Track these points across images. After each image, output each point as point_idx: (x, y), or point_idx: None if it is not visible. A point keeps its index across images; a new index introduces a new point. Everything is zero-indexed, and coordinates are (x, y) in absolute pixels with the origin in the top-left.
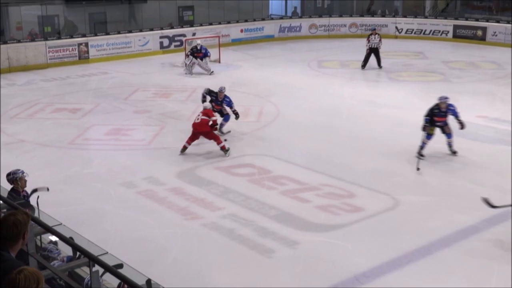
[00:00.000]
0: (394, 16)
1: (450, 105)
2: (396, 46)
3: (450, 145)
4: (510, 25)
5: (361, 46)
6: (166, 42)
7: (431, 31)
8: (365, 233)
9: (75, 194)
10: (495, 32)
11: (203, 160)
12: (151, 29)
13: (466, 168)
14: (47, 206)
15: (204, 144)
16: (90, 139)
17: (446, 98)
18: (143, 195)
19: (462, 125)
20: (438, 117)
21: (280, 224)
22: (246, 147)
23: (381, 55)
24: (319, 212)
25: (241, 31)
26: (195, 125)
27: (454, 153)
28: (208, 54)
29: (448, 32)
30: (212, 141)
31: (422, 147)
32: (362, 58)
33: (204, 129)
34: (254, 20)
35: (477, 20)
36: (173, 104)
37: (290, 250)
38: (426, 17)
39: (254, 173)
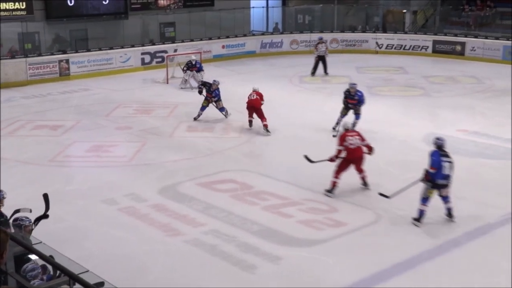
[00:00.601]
0: (374, 32)
1: (359, 91)
2: (376, 61)
3: (354, 124)
4: (488, 40)
5: (343, 61)
6: (147, 58)
7: (411, 46)
8: (348, 247)
9: (56, 212)
10: (473, 47)
11: (185, 176)
12: (133, 46)
13: None
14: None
15: (187, 160)
16: (71, 156)
17: (355, 84)
18: (124, 212)
19: (358, 113)
20: (349, 99)
21: (263, 239)
22: (228, 163)
23: (362, 70)
24: (302, 227)
25: (223, 47)
26: (251, 101)
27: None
28: (203, 69)
29: (427, 47)
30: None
31: (337, 123)
32: (344, 73)
33: (257, 105)
34: (236, 36)
35: (455, 35)
36: (154, 120)
37: (273, 265)
38: (406, 33)
39: (236, 189)
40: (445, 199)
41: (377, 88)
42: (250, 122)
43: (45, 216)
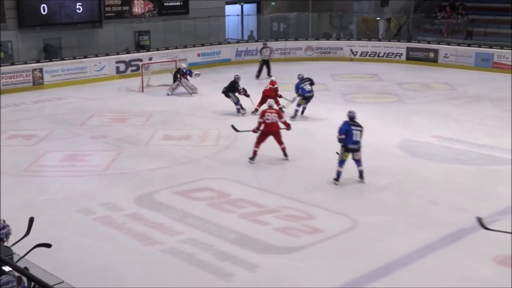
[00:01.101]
0: (348, 39)
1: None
2: (351, 68)
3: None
4: (460, 47)
5: (318, 69)
6: (122, 67)
7: (385, 53)
8: (325, 254)
9: None
10: (446, 54)
11: (161, 185)
12: (107, 54)
13: (422, 187)
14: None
15: (163, 169)
16: (45, 165)
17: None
18: (100, 221)
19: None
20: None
21: (240, 247)
22: (204, 171)
23: (337, 77)
24: (279, 234)
25: (198, 55)
26: (266, 91)
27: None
28: (192, 74)
29: (401, 54)
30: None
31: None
32: (320, 80)
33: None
34: (211, 44)
35: (429, 42)
36: (130, 129)
37: (250, 273)
38: (379, 40)
39: (213, 197)
40: (357, 162)
41: (352, 95)
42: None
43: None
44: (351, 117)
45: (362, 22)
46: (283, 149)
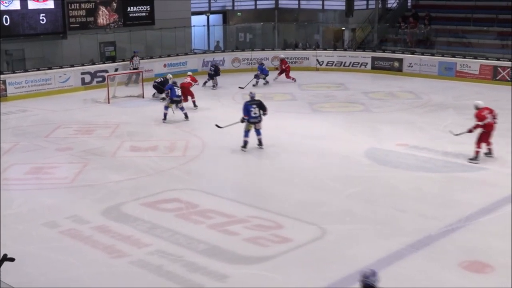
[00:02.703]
0: (315, 49)
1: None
2: (317, 78)
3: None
4: (424, 56)
5: (285, 79)
6: (88, 78)
7: (350, 63)
8: (294, 263)
9: None
10: (410, 63)
11: (129, 197)
12: (72, 65)
13: (389, 195)
14: None
15: (130, 180)
16: (9, 179)
17: (251, 93)
18: (66, 234)
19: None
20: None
21: (209, 258)
22: (172, 182)
23: (304, 86)
24: (248, 244)
25: (164, 65)
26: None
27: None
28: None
29: (367, 64)
30: None
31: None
32: (286, 90)
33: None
34: (177, 54)
35: (393, 52)
36: (96, 140)
37: (220, 284)
38: (345, 50)
39: (181, 208)
40: (258, 132)
41: (319, 104)
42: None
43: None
44: (251, 97)
45: (328, 32)
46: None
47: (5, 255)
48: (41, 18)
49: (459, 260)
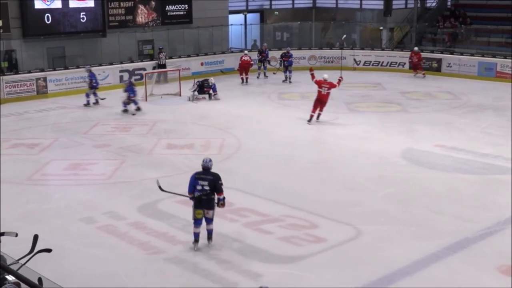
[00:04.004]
0: (352, 49)
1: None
2: (354, 77)
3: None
4: (463, 56)
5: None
6: (126, 76)
7: (388, 62)
8: (328, 263)
9: (33, 231)
10: (449, 64)
11: (164, 194)
12: (111, 63)
13: (425, 197)
14: (3, 245)
15: (166, 177)
16: (48, 174)
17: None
18: (103, 230)
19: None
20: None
21: (244, 256)
22: None
23: (340, 86)
24: (282, 243)
25: (201, 64)
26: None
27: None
28: (216, 91)
29: (404, 63)
30: None
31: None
32: None
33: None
34: (214, 53)
35: (432, 52)
36: (133, 137)
37: (254, 283)
38: (383, 49)
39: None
40: (207, 220)
41: (355, 104)
42: (312, 117)
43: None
44: (203, 167)
45: (366, 31)
46: None
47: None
48: (81, 16)
49: (496, 264)
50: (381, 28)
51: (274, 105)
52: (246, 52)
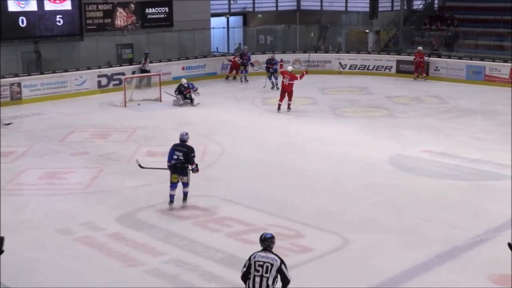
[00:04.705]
0: (337, 52)
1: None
2: (340, 82)
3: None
4: (451, 59)
5: (306, 82)
6: (104, 81)
7: (374, 66)
8: (315, 274)
9: (7, 244)
10: (437, 67)
11: (144, 203)
12: (89, 68)
13: (413, 204)
14: None
15: (146, 186)
16: (23, 183)
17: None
18: (80, 241)
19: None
20: (270, 65)
21: (227, 268)
22: (189, 188)
23: (326, 90)
24: None
25: (183, 68)
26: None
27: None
28: (195, 87)
29: (391, 67)
30: None
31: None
32: (308, 94)
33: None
34: (196, 57)
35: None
36: (112, 145)
37: None
38: (369, 53)
39: (198, 215)
40: (184, 184)
41: (341, 109)
42: (279, 106)
43: None
44: (181, 139)
45: (351, 34)
46: None
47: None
48: (57, 19)
49: (487, 273)
50: (367, 31)
51: (258, 111)
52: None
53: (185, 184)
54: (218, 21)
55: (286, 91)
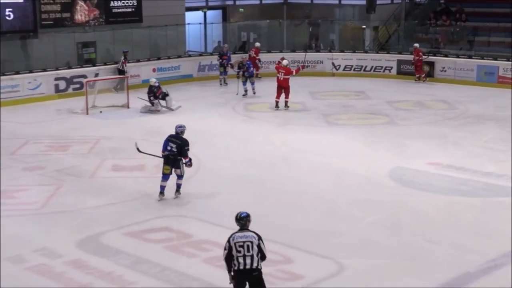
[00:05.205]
0: (330, 51)
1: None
2: (333, 85)
3: (253, 89)
4: (460, 59)
5: (294, 86)
6: (62, 84)
7: (372, 67)
8: None
9: None
10: (443, 68)
11: (110, 225)
12: (44, 70)
13: (418, 224)
14: None
15: (112, 206)
16: None
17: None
18: (34, 271)
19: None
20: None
21: None
22: (161, 208)
23: (317, 95)
24: None
25: (154, 70)
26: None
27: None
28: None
29: (391, 68)
30: None
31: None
32: (296, 99)
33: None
34: (169, 57)
35: (423, 54)
36: (72, 158)
37: None
38: (366, 52)
39: (171, 238)
40: (178, 176)
41: (335, 116)
42: (277, 103)
43: None
44: (176, 131)
45: (346, 31)
46: None
47: None
48: (7, 13)
49: None
50: (364, 27)
51: (240, 118)
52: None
53: (179, 176)
54: (194, 16)
55: (283, 87)
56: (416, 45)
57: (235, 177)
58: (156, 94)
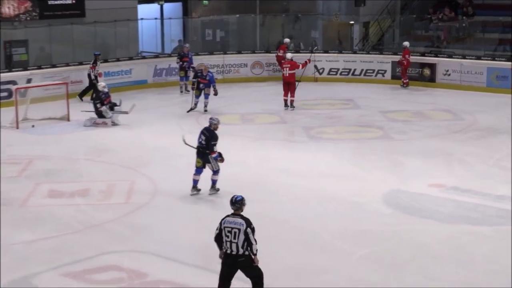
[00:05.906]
0: (311, 52)
1: (210, 72)
2: (316, 92)
3: (205, 105)
4: (466, 60)
5: (269, 94)
6: None
7: (362, 70)
8: None
9: None
10: (447, 71)
11: (45, 264)
12: None
13: (418, 257)
14: None
15: (48, 240)
16: None
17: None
18: None
19: (216, 92)
20: (201, 79)
21: None
22: (109, 241)
23: (297, 104)
24: None
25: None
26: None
27: (205, 111)
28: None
29: (385, 71)
30: None
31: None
32: (272, 109)
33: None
34: (118, 59)
35: (422, 54)
36: None
37: None
38: (355, 52)
39: (122, 279)
40: (214, 172)
41: (319, 129)
42: (286, 101)
43: None
44: (210, 123)
45: (331, 28)
46: None
47: None
48: None
49: None
50: (352, 22)
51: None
52: None
53: (213, 172)
54: (148, 9)
55: (289, 83)
56: (406, 44)
57: (199, 203)
58: (103, 101)
